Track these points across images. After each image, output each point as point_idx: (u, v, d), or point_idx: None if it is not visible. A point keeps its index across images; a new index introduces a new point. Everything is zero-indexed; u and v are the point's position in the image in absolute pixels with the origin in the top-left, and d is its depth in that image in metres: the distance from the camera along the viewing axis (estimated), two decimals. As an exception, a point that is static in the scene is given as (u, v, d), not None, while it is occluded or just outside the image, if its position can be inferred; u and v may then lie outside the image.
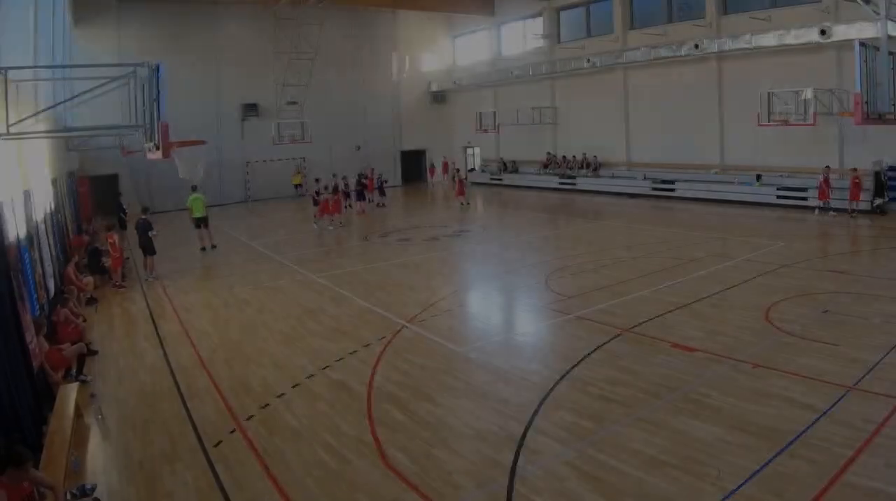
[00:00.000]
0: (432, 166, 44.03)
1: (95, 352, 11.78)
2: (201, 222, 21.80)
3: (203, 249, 21.72)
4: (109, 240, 17.98)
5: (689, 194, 29.50)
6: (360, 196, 30.30)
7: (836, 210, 22.91)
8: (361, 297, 14.70)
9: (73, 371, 10.38)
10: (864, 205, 22.62)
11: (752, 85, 25.24)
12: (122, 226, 26.44)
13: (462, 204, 30.37)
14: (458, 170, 38.71)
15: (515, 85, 40.51)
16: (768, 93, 23.56)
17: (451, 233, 23.42)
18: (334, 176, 29.21)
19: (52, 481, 6.24)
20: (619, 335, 11.29)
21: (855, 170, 22.43)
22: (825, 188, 22.85)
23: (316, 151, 38.51)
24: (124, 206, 28.50)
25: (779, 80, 24.20)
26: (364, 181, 31.50)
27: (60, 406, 8.31)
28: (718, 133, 29.44)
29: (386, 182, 34.21)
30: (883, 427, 7.25)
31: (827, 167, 23.08)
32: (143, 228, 18.14)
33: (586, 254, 18.44)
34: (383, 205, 31.96)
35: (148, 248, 18.11)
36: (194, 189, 22.31)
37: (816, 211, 23.35)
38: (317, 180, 27.10)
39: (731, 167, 29.01)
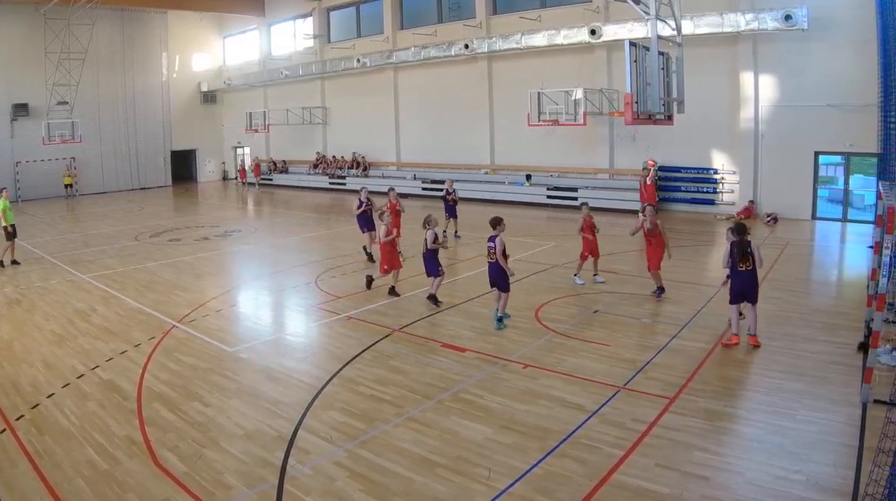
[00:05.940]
0: (242, 168, 44.30)
1: None
2: (13, 231, 19.02)
3: (14, 262, 19.23)
4: None
5: (460, 194, 30.43)
6: None
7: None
8: (132, 297, 15.06)
9: None
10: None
11: (522, 85, 26.80)
12: None
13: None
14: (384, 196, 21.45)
15: (285, 85, 41.43)
16: (538, 93, 24.93)
17: (221, 233, 23.99)
18: None
19: None
20: (389, 335, 11.56)
21: None
22: (643, 190, 22.64)
23: (86, 151, 40.38)
24: None
25: (549, 80, 25.87)
26: None
27: None
28: (489, 133, 31.15)
29: None
30: (653, 427, 7.77)
31: (645, 169, 23.17)
32: None
33: (356, 254, 18.47)
34: None
35: None
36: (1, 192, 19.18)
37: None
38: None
39: (502, 167, 30.72)
